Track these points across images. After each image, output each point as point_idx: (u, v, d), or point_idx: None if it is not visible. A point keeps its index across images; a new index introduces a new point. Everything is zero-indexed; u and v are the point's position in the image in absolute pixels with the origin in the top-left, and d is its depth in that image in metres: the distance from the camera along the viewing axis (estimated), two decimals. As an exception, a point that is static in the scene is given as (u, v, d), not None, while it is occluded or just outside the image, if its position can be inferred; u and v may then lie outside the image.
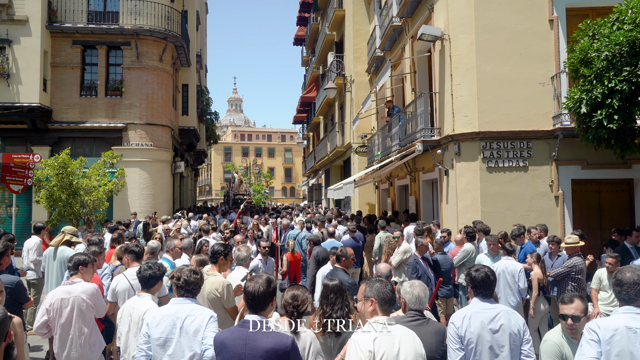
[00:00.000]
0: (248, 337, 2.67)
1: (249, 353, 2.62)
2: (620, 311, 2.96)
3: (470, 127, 9.22)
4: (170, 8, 17.89)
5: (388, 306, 2.89)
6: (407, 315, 3.33)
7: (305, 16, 32.04)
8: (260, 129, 77.89)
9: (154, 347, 3.28)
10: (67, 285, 4.23)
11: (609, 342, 2.81)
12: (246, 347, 2.65)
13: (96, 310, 4.26)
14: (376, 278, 3.06)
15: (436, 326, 3.30)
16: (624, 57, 6.65)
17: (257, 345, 2.63)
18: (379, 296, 2.87)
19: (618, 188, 9.37)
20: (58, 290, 4.21)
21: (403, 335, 2.76)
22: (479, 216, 8.85)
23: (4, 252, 4.67)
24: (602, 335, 2.84)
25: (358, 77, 19.16)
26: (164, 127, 17.90)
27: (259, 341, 2.64)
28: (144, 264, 3.94)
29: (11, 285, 4.58)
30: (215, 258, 4.54)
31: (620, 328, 2.83)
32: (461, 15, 9.44)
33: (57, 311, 4.09)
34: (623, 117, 6.79)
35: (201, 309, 3.36)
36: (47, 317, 4.11)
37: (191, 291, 3.37)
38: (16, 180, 12.11)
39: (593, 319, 5.97)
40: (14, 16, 15.57)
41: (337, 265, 5.31)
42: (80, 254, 4.45)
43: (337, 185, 13.98)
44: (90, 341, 4.20)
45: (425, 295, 3.36)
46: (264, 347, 2.62)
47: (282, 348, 2.62)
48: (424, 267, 6.35)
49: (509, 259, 6.14)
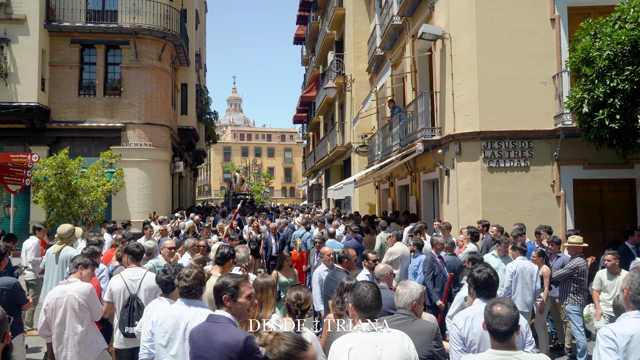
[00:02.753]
0: (208, 331, 2.74)
1: (207, 345, 2.71)
2: (632, 315, 2.89)
3: (471, 126, 9.17)
4: (169, 7, 17.82)
5: (368, 312, 2.74)
6: (394, 316, 3.32)
7: (305, 15, 31.99)
8: (259, 129, 77.83)
9: (157, 346, 3.29)
10: (63, 285, 4.22)
11: (625, 349, 2.76)
12: (205, 339, 2.73)
13: (91, 311, 4.22)
14: (361, 281, 2.98)
15: (422, 325, 3.23)
16: (626, 57, 6.63)
17: (212, 338, 2.70)
18: (356, 302, 2.77)
19: (620, 188, 9.32)
20: (54, 291, 4.22)
21: (387, 342, 2.65)
22: (480, 216, 8.80)
23: (4, 253, 4.62)
24: (619, 342, 2.78)
25: (358, 76, 19.11)
26: (162, 127, 17.83)
27: (215, 334, 2.71)
28: (161, 269, 3.89)
29: (8, 287, 4.53)
30: (223, 260, 4.50)
31: (636, 334, 2.77)
32: (462, 14, 9.39)
33: (52, 311, 4.10)
34: (625, 116, 6.76)
35: (206, 312, 3.32)
36: (45, 317, 4.11)
37: (195, 293, 3.35)
38: (14, 180, 12.04)
39: (595, 319, 5.98)
40: (12, 15, 15.50)
41: (339, 266, 5.26)
42: (84, 255, 4.42)
43: (337, 185, 13.94)
44: (86, 341, 4.17)
45: (411, 295, 3.29)
46: (218, 340, 2.68)
47: (234, 343, 2.63)
48: (440, 265, 6.30)
49: (524, 259, 6.06)
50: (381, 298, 2.85)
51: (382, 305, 2.86)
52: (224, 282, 2.87)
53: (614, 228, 8.89)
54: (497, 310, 2.53)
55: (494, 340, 2.55)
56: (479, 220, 8.57)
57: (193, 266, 3.53)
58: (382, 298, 4.26)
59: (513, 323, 2.50)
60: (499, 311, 2.53)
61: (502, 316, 2.50)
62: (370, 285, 2.87)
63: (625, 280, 3.02)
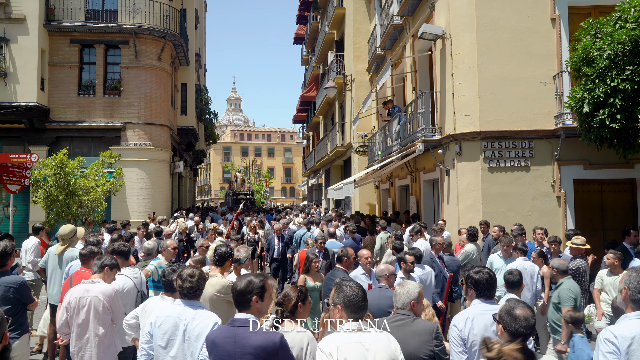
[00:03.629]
0: (237, 335, 2.69)
1: (239, 351, 2.64)
2: (632, 317, 2.86)
3: (472, 126, 9.16)
4: (169, 6, 17.80)
5: (357, 312, 2.73)
6: (393, 316, 3.30)
7: (305, 15, 31.96)
8: (259, 129, 77.79)
9: (157, 347, 3.27)
10: (87, 284, 4.18)
11: (627, 351, 2.73)
12: (235, 344, 2.67)
13: (113, 314, 4.19)
14: (348, 281, 2.94)
15: (422, 325, 3.21)
16: (626, 56, 6.61)
17: (246, 343, 2.65)
18: (345, 303, 2.75)
19: (621, 188, 9.31)
20: (76, 289, 4.17)
21: (374, 342, 2.63)
22: (481, 216, 8.78)
23: (11, 252, 4.61)
24: (620, 345, 2.75)
25: (358, 76, 19.09)
26: (162, 127, 17.81)
27: (247, 339, 2.66)
28: (168, 268, 3.87)
29: (15, 285, 4.50)
30: (222, 261, 4.48)
31: (637, 336, 2.74)
32: (462, 14, 9.37)
33: (75, 310, 4.06)
34: (626, 116, 6.74)
35: (206, 313, 3.32)
36: (66, 315, 4.07)
37: (194, 294, 3.32)
38: (13, 180, 12.01)
39: (596, 319, 5.96)
40: (11, 15, 15.47)
41: (338, 265, 5.25)
42: (111, 257, 4.39)
43: (337, 185, 13.92)
44: (105, 343, 4.16)
45: (408, 294, 3.27)
46: (252, 344, 2.64)
47: (271, 345, 2.62)
48: (440, 266, 6.28)
49: (525, 260, 6.03)
50: (367, 298, 2.83)
51: (368, 306, 2.84)
52: (251, 282, 2.82)
53: (615, 228, 8.87)
54: (518, 313, 2.52)
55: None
56: (480, 220, 8.55)
57: (192, 266, 3.51)
58: (382, 298, 4.29)
59: (531, 327, 2.52)
60: (521, 313, 2.52)
61: (527, 318, 2.51)
62: (357, 285, 2.84)
63: (623, 281, 2.97)
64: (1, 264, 4.50)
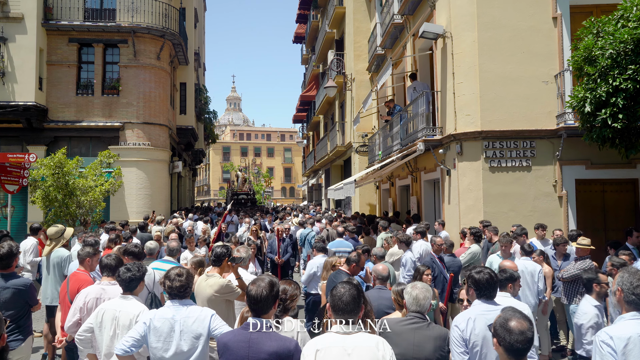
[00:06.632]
0: (251, 340, 2.67)
1: (253, 356, 2.63)
2: (627, 317, 2.86)
3: (473, 126, 9.10)
4: (168, 5, 17.72)
5: (344, 313, 2.60)
6: (406, 318, 3.28)
7: (305, 14, 31.90)
8: (259, 128, 77.71)
9: (153, 349, 3.26)
10: (104, 285, 4.14)
11: (623, 352, 2.75)
12: (250, 349, 2.65)
13: None
14: (340, 282, 2.87)
15: (437, 330, 3.22)
16: (628, 55, 6.57)
17: (260, 349, 2.63)
18: (332, 303, 2.68)
19: (623, 188, 9.26)
20: (92, 290, 4.13)
21: (358, 347, 2.50)
22: (482, 216, 8.73)
23: (16, 253, 4.54)
24: (616, 346, 2.76)
25: (359, 75, 19.04)
26: (161, 126, 17.74)
27: (262, 344, 2.64)
28: (123, 267, 3.83)
29: (24, 286, 4.43)
30: (219, 261, 4.43)
31: (633, 336, 2.76)
32: (463, 13, 9.31)
33: (90, 312, 3.99)
34: (628, 116, 6.71)
35: (198, 309, 3.37)
36: (79, 315, 4.01)
37: (183, 294, 3.36)
38: (11, 180, 11.93)
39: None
40: (9, 13, 15.38)
41: (342, 268, 5.18)
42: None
43: (337, 185, 13.86)
44: None
45: (425, 298, 3.28)
46: (267, 350, 2.62)
47: (286, 352, 2.61)
48: (440, 267, 6.23)
49: (527, 259, 6.00)
50: (360, 301, 2.65)
51: (361, 309, 2.67)
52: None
53: (617, 228, 8.83)
54: (512, 325, 2.27)
55: (507, 356, 2.31)
56: (480, 220, 8.51)
57: (178, 266, 3.59)
58: (381, 298, 4.24)
59: (530, 339, 2.28)
60: (515, 326, 2.26)
61: (523, 331, 2.26)
62: (350, 286, 2.68)
63: (616, 282, 2.96)
64: (7, 265, 4.41)
